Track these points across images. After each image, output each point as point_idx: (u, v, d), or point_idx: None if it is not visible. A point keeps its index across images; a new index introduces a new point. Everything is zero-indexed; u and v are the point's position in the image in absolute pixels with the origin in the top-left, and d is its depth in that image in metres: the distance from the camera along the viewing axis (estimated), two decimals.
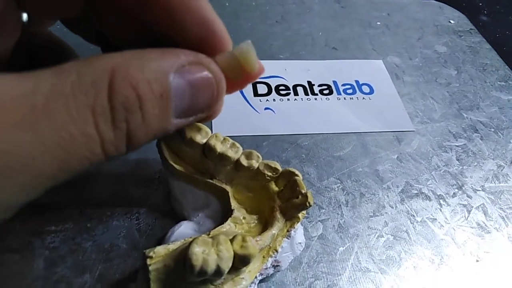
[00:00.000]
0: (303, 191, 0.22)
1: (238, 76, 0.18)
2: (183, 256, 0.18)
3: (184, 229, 0.24)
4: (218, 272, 0.18)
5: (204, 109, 0.17)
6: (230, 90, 0.19)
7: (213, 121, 0.33)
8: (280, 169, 0.23)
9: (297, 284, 0.24)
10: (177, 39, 0.17)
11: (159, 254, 0.19)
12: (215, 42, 0.17)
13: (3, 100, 0.12)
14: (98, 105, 0.13)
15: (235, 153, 0.23)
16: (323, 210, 0.28)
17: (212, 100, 0.17)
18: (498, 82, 0.40)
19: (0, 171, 0.12)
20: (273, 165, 0.23)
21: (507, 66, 0.42)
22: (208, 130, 0.23)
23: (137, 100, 0.14)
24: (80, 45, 0.23)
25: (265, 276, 0.23)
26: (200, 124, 0.23)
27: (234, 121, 0.33)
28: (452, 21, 0.48)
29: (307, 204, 0.22)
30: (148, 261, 0.19)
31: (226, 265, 0.18)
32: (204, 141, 0.23)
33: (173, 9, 0.16)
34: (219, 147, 0.22)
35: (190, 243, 0.18)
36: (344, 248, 0.26)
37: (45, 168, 0.13)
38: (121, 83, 0.14)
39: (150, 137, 0.16)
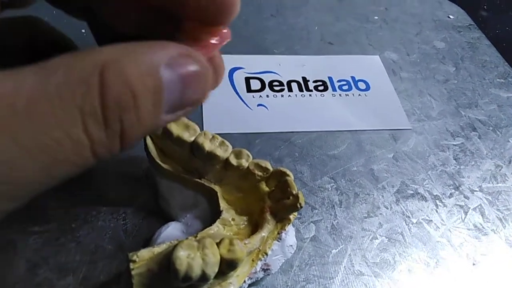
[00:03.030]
0: (294, 192, 0.21)
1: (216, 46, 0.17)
2: (167, 260, 0.18)
3: (171, 230, 0.24)
4: (204, 278, 0.18)
5: (193, 103, 0.16)
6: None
7: (204, 117, 0.32)
8: (271, 168, 0.23)
9: None
10: (177, 10, 0.16)
11: (143, 258, 0.19)
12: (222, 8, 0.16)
13: None
14: (87, 104, 0.12)
15: (224, 151, 0.22)
16: (316, 211, 0.27)
17: (202, 94, 0.16)
18: (498, 79, 0.40)
19: None
20: (263, 165, 0.23)
21: (506, 63, 0.41)
22: (197, 127, 0.22)
23: (131, 96, 0.13)
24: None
25: (254, 280, 0.22)
26: (188, 122, 0.22)
27: (226, 118, 0.32)
28: (451, 16, 0.47)
29: (298, 205, 0.21)
30: (131, 265, 0.18)
31: (212, 270, 0.18)
32: (192, 139, 0.22)
33: None
34: (208, 146, 0.22)
35: (175, 246, 0.17)
36: (337, 250, 0.26)
37: (29, 176, 0.12)
38: (113, 79, 0.13)
39: (142, 135, 0.15)
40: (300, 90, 0.36)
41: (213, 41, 0.16)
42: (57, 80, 0.12)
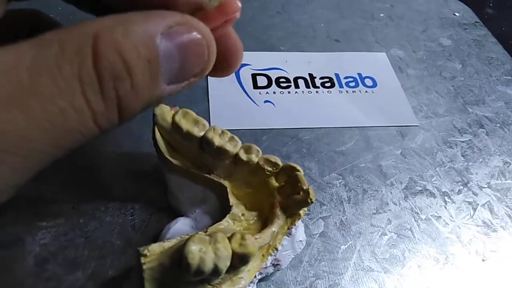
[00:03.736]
0: (304, 187, 0.21)
1: (218, 16, 0.16)
2: (179, 254, 0.18)
3: (180, 226, 0.24)
4: (216, 272, 0.17)
5: (196, 73, 0.16)
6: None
7: (211, 114, 0.32)
8: (281, 164, 0.22)
9: (298, 283, 0.23)
10: None
11: (154, 252, 0.19)
12: None
13: None
14: (84, 73, 0.12)
15: (234, 147, 0.22)
16: (325, 207, 0.27)
17: (204, 63, 0.16)
18: (504, 77, 0.39)
19: None
20: (273, 160, 0.22)
21: None
22: (206, 122, 0.22)
23: (124, 66, 0.13)
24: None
25: (264, 275, 0.22)
26: (197, 117, 0.22)
27: (233, 114, 0.32)
28: (457, 14, 0.47)
29: (309, 201, 0.21)
30: (143, 260, 0.18)
31: (224, 264, 0.18)
32: (202, 134, 0.22)
33: None
34: (217, 141, 0.22)
35: (186, 241, 0.17)
36: (346, 246, 0.25)
37: (38, 146, 0.12)
38: (105, 48, 0.13)
39: (142, 105, 0.15)
40: (307, 86, 0.36)
41: (215, 11, 0.16)
42: (53, 51, 0.12)
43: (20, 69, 0.12)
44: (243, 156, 0.22)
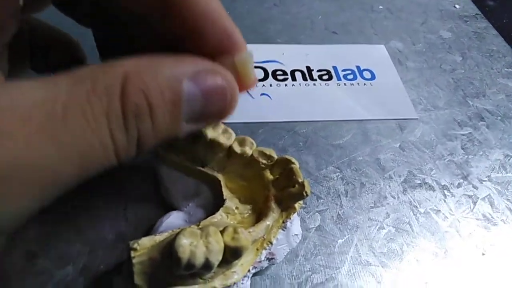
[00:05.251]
0: (299, 180, 0.21)
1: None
2: (169, 248, 0.17)
3: (173, 220, 0.23)
4: (207, 266, 0.17)
5: (216, 115, 0.17)
6: None
7: None
8: (275, 156, 0.22)
9: (293, 277, 0.23)
10: (191, 45, 0.17)
11: (144, 246, 0.18)
12: (232, 50, 0.17)
13: (22, 108, 0.12)
14: (111, 110, 0.13)
15: (228, 139, 0.22)
16: (322, 200, 0.27)
17: (225, 108, 0.17)
18: (505, 69, 0.39)
19: (17, 182, 0.12)
20: (268, 152, 0.22)
21: None
22: None
23: (147, 107, 0.14)
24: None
25: (259, 270, 0.22)
26: None
27: None
28: (457, 6, 0.46)
29: (304, 194, 0.21)
30: (132, 254, 0.18)
31: (216, 258, 0.17)
32: None
33: (194, 16, 0.16)
34: (210, 133, 0.21)
35: (177, 234, 0.17)
36: (343, 240, 0.25)
37: (63, 176, 0.13)
38: (132, 89, 0.14)
39: (159, 141, 0.15)
40: (304, 79, 0.35)
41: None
42: (86, 88, 0.13)
43: (55, 103, 0.12)
44: (237, 148, 0.22)
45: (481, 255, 0.25)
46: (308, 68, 0.36)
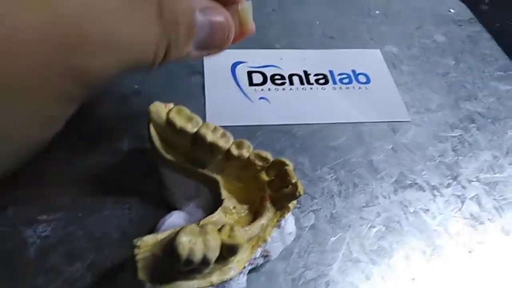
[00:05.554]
0: (293, 181, 0.22)
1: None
2: (170, 245, 0.18)
3: (175, 219, 0.24)
4: (205, 262, 0.18)
5: (217, 46, 0.22)
6: None
7: (207, 110, 0.33)
8: (271, 158, 0.23)
9: (288, 274, 0.24)
10: None
11: (147, 243, 0.19)
12: (236, 0, 0.23)
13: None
14: (153, 18, 0.18)
15: (226, 142, 0.23)
16: (316, 200, 0.28)
17: (224, 40, 0.21)
18: (497, 72, 0.40)
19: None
20: (263, 155, 0.23)
21: (506, 56, 0.42)
22: (199, 119, 0.23)
23: (175, 24, 0.18)
24: None
25: (255, 266, 0.23)
26: (191, 114, 0.23)
27: (228, 111, 0.33)
28: (452, 10, 0.47)
29: (297, 194, 0.22)
30: (136, 251, 0.19)
31: (213, 255, 0.18)
32: (195, 130, 0.22)
33: None
34: (210, 137, 0.22)
35: (177, 232, 0.18)
36: (336, 238, 0.26)
37: (105, 67, 0.17)
38: (167, 7, 0.18)
39: (176, 58, 0.20)
40: (302, 83, 0.36)
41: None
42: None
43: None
44: (235, 151, 0.23)
45: (468, 253, 0.27)
46: (305, 72, 0.37)
